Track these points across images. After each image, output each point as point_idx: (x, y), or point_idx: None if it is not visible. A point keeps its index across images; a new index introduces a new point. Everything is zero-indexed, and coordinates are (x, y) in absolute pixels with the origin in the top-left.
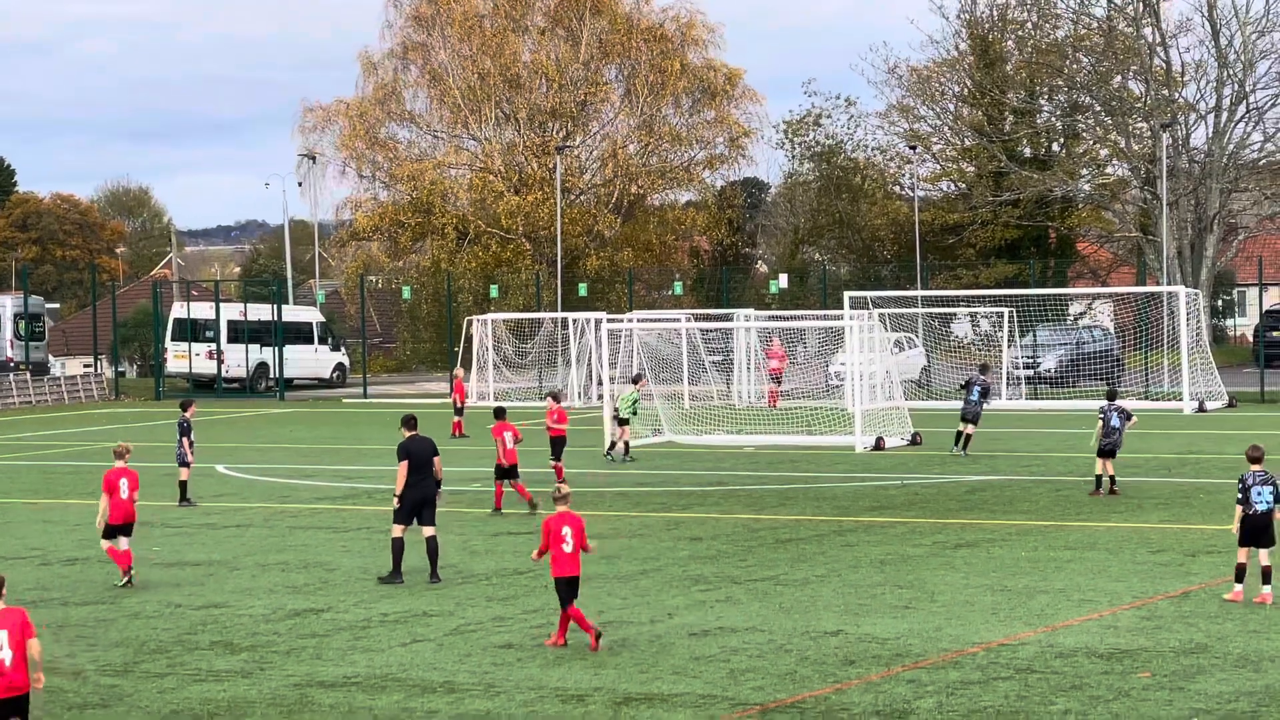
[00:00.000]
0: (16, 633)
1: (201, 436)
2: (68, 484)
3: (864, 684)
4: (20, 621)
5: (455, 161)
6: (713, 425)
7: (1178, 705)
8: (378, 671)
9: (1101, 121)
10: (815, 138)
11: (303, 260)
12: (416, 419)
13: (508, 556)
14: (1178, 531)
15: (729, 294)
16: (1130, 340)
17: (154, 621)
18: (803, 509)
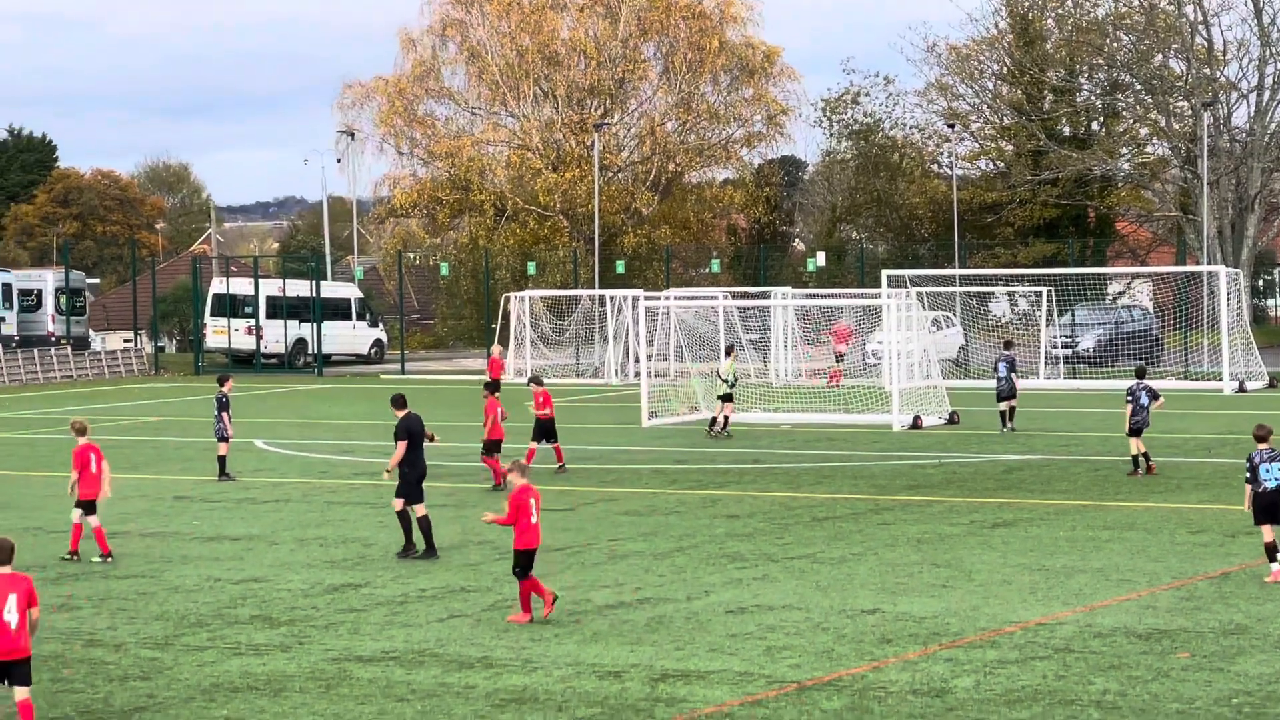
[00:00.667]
0: (23, 599)
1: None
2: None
3: (901, 662)
4: (27, 589)
5: (493, 139)
6: (749, 403)
7: (1217, 686)
8: (415, 646)
9: (1142, 100)
10: (853, 116)
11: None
12: (406, 397)
13: (546, 532)
14: (1217, 512)
15: (766, 272)
16: (1170, 320)
17: (194, 595)
18: (839, 487)
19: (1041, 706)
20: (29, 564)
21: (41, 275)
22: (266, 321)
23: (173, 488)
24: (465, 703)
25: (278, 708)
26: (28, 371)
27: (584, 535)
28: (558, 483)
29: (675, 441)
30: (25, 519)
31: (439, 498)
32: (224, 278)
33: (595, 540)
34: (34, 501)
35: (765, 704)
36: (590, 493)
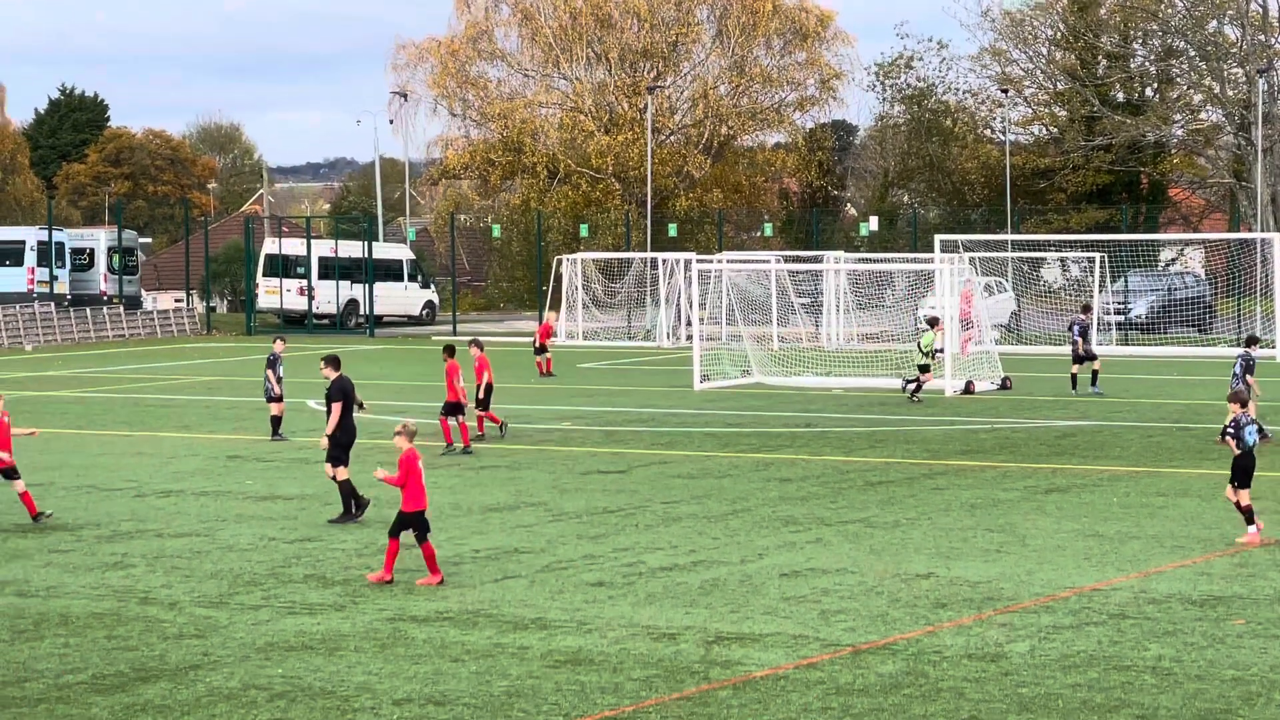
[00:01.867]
0: None
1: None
2: (161, 417)
3: (956, 627)
4: None
5: (546, 101)
6: (801, 367)
7: (1273, 653)
8: (469, 607)
9: (1196, 66)
10: (906, 80)
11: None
12: (340, 359)
13: (598, 495)
14: (1272, 480)
15: (818, 236)
16: (1222, 287)
17: (248, 554)
18: (892, 452)
19: (1097, 671)
20: (84, 522)
21: (94, 234)
22: (319, 282)
23: (226, 447)
24: (520, 663)
25: (333, 666)
26: (80, 330)
27: (637, 498)
28: (610, 444)
29: (727, 405)
30: (79, 477)
31: (493, 459)
32: (276, 238)
33: (649, 503)
34: (87, 460)
35: (820, 667)
36: (643, 455)
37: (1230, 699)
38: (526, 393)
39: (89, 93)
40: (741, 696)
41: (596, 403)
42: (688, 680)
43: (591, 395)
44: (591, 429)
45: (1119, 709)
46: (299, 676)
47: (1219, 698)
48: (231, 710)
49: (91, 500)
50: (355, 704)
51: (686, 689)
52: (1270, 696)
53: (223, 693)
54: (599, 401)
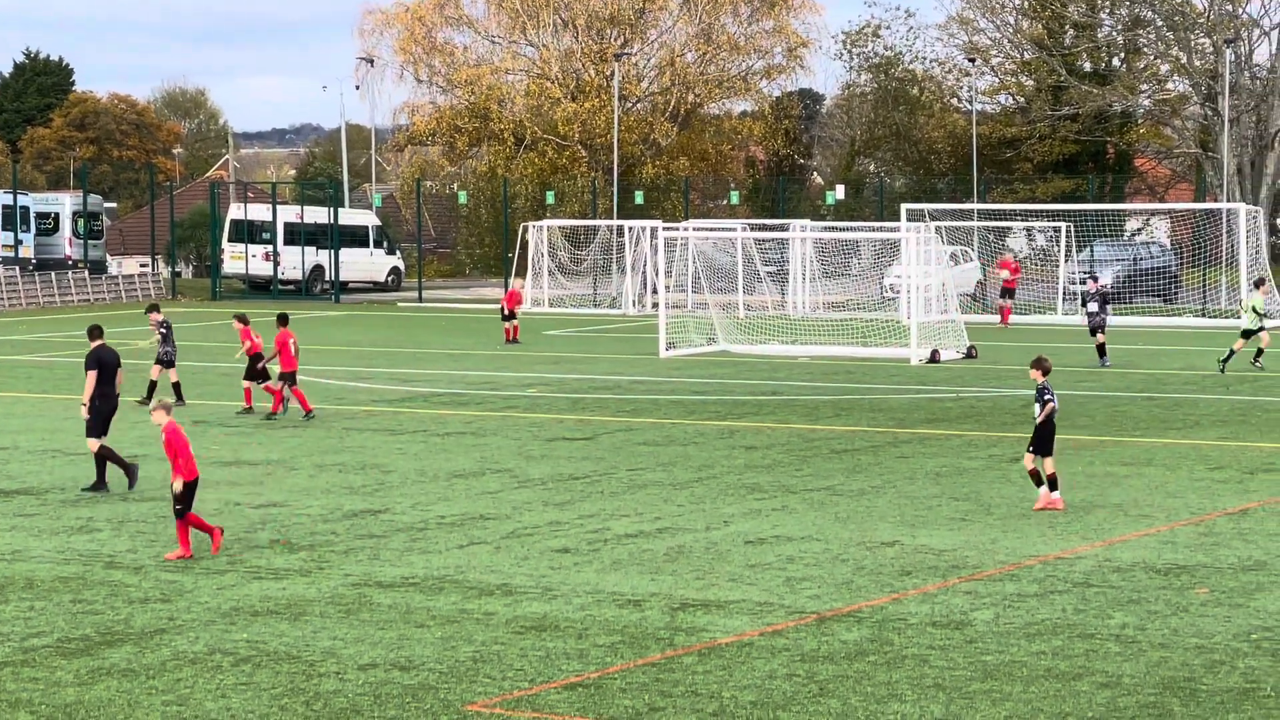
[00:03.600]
0: None
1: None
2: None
3: (921, 594)
4: None
5: (512, 67)
6: (767, 335)
7: (1236, 621)
8: (435, 573)
9: (1163, 36)
10: (874, 49)
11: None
12: (102, 328)
13: (563, 462)
14: (1236, 449)
15: (784, 204)
16: (1188, 257)
17: (213, 519)
18: (858, 420)
19: (1061, 640)
20: (49, 486)
21: (59, 199)
22: (284, 248)
23: (190, 412)
24: (485, 629)
25: (298, 631)
26: (45, 294)
27: (603, 465)
28: (576, 412)
29: (693, 373)
30: (43, 442)
31: (459, 425)
32: (242, 204)
33: (614, 469)
34: (51, 424)
35: (785, 634)
36: (609, 422)
37: (1194, 667)
38: (493, 359)
39: (54, 57)
40: (706, 663)
41: (562, 370)
42: (653, 647)
43: (557, 362)
44: (557, 396)
45: (1082, 677)
46: (264, 641)
47: (1182, 665)
48: (197, 674)
49: (56, 464)
50: (320, 669)
51: (651, 655)
52: (1233, 665)
53: (188, 657)
54: (565, 369)
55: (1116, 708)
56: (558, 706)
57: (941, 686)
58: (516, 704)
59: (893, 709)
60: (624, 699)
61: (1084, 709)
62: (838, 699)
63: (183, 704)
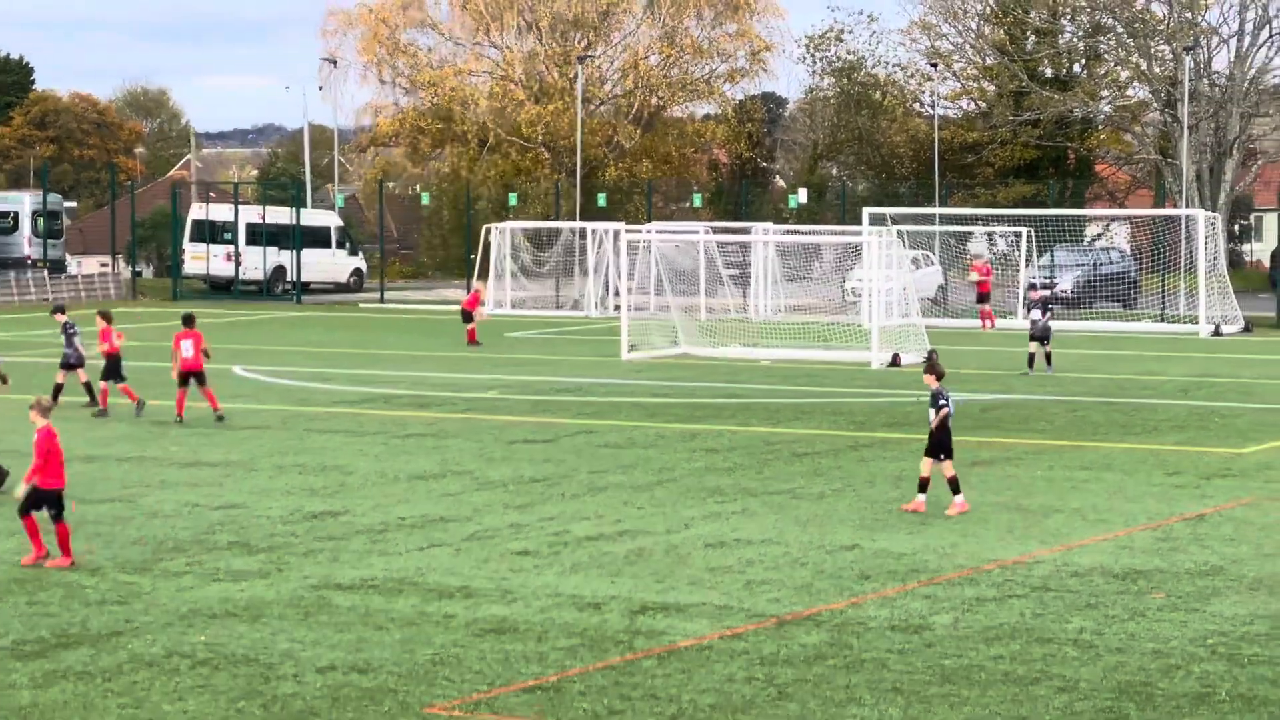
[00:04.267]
0: None
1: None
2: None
3: (880, 598)
4: None
5: (476, 69)
6: (728, 338)
7: (1192, 626)
8: (395, 575)
9: (1123, 43)
10: (836, 53)
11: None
12: None
13: (524, 464)
14: (1193, 454)
15: (747, 208)
16: (1147, 263)
17: (172, 521)
18: (819, 423)
19: (1019, 644)
20: (5, 486)
21: (18, 197)
22: (246, 248)
23: (150, 413)
24: (445, 632)
25: (256, 634)
26: (3, 294)
27: (564, 467)
28: (537, 414)
29: (654, 375)
30: (0, 442)
31: (420, 428)
32: (203, 204)
33: (575, 472)
34: (7, 425)
35: (744, 638)
36: (570, 425)
37: (1150, 671)
38: (454, 361)
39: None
40: (666, 666)
41: (524, 372)
42: (612, 650)
43: (519, 364)
44: (519, 398)
45: (1040, 681)
46: (222, 644)
47: (1139, 670)
48: (154, 677)
49: (13, 465)
50: (279, 671)
51: (611, 658)
52: (1189, 669)
53: (145, 659)
54: (526, 371)
55: (1073, 712)
56: (517, 709)
57: (900, 690)
58: (475, 707)
59: (851, 712)
60: (583, 702)
61: (1041, 713)
62: (797, 702)
63: (139, 706)
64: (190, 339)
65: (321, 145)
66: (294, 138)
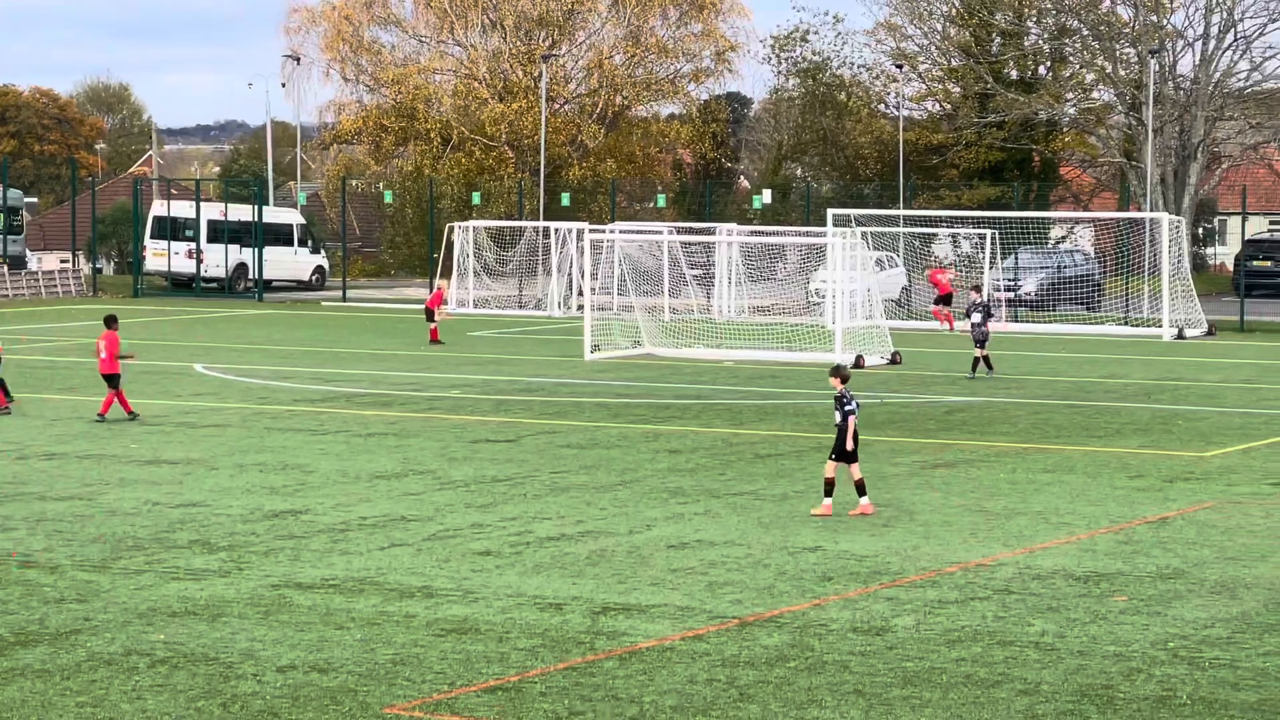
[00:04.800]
0: None
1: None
2: (44, 379)
3: (842, 600)
4: None
5: (440, 67)
6: (692, 339)
7: (1154, 630)
8: (355, 574)
9: (1089, 46)
10: (801, 54)
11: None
12: None
13: (486, 464)
14: (1156, 457)
15: (711, 208)
16: (1111, 265)
17: (131, 519)
18: (782, 424)
19: (981, 646)
20: None
21: None
22: (207, 245)
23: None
24: (405, 631)
25: (216, 633)
26: None
27: (526, 467)
28: (499, 414)
29: (617, 375)
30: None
31: (381, 427)
32: (165, 200)
33: (537, 472)
34: None
35: (706, 639)
36: (532, 425)
37: (1111, 674)
38: (416, 359)
39: None
40: (627, 667)
41: (486, 371)
42: (573, 650)
43: (481, 364)
44: (481, 398)
45: (1002, 683)
46: (181, 642)
47: (1100, 673)
48: (112, 675)
49: None
50: (238, 671)
51: (572, 659)
52: (1150, 672)
53: (103, 658)
54: (489, 370)
55: (1035, 715)
56: (477, 710)
57: (861, 693)
58: (436, 707)
59: (813, 714)
60: (544, 703)
61: (1003, 715)
62: (758, 704)
63: (97, 705)
64: (105, 340)
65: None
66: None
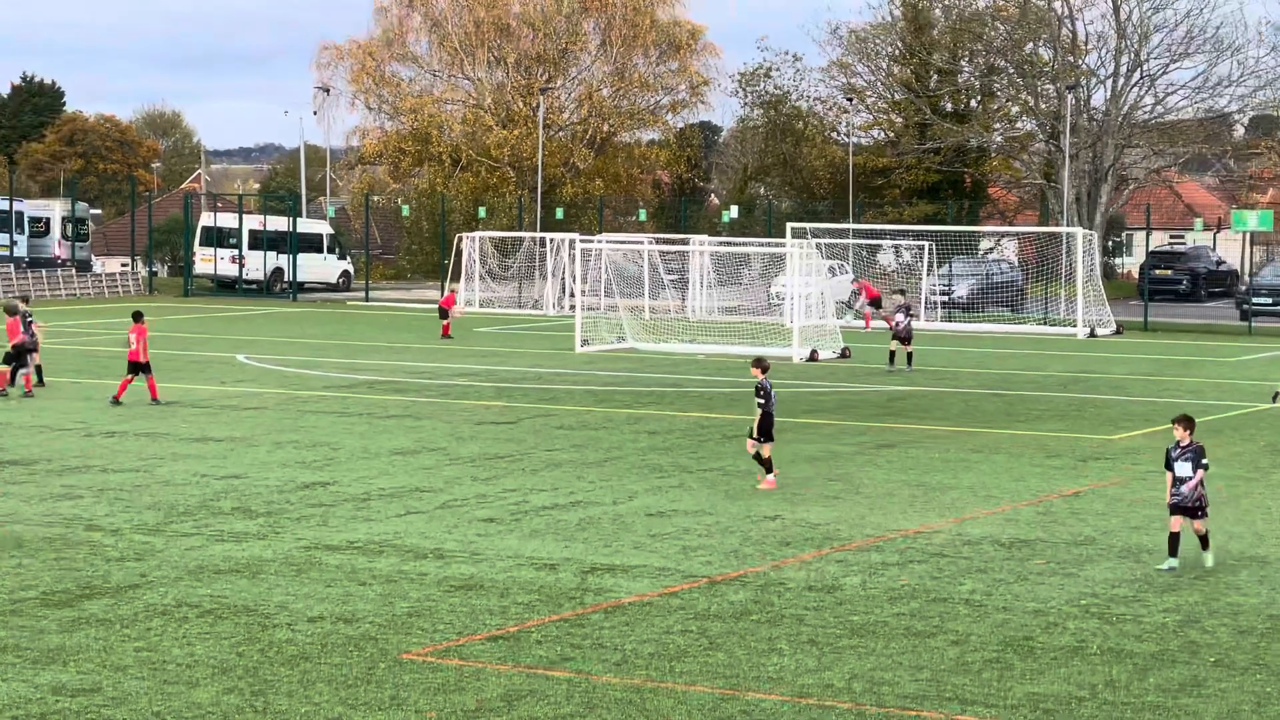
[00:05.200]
0: None
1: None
2: (107, 366)
3: (798, 562)
4: None
5: (451, 98)
6: (669, 335)
7: (1069, 589)
8: (376, 538)
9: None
10: (765, 88)
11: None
12: None
13: (490, 443)
14: (1071, 440)
15: (686, 221)
16: (1032, 273)
17: (182, 488)
18: (747, 410)
19: (919, 603)
20: (38, 457)
21: (50, 205)
22: (249, 252)
23: (164, 394)
24: (419, 588)
25: (256, 588)
26: (36, 290)
27: (524, 446)
28: (501, 399)
29: (604, 366)
30: (34, 418)
31: (399, 410)
32: (212, 212)
33: (534, 450)
34: (40, 403)
35: (680, 595)
36: (530, 409)
37: (1031, 628)
38: (430, 352)
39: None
40: (612, 619)
41: (490, 363)
42: (566, 604)
43: (486, 356)
44: (485, 385)
45: (936, 634)
46: (225, 596)
47: (1022, 626)
48: (166, 624)
49: (44, 438)
50: (274, 620)
51: (564, 612)
52: (1065, 626)
53: (158, 609)
54: (492, 362)
55: (965, 662)
56: (482, 655)
57: (815, 642)
58: (446, 653)
59: (773, 661)
60: (540, 650)
61: (937, 663)
62: (725, 652)
63: (153, 650)
64: (135, 333)
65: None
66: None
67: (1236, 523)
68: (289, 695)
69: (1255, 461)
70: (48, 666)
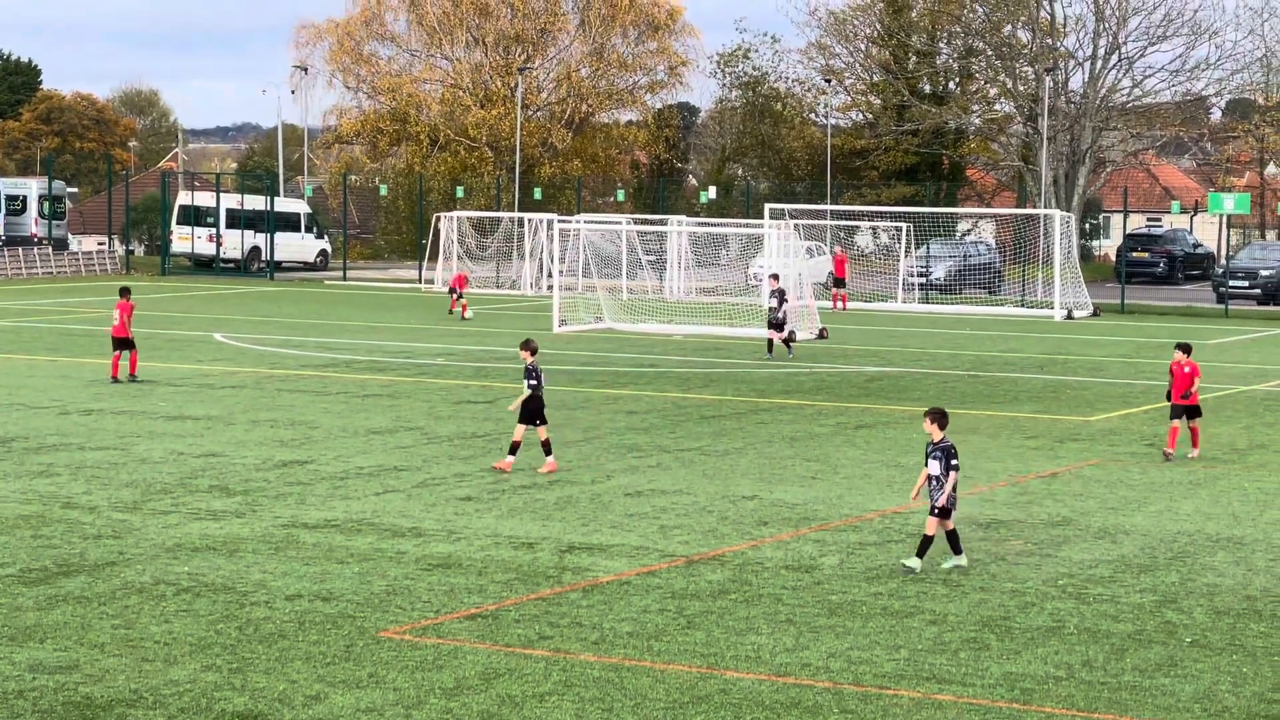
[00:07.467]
0: None
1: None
2: (83, 345)
3: (776, 542)
4: None
5: (429, 78)
6: (647, 315)
7: (1045, 569)
8: (354, 516)
9: (992, 64)
10: (743, 69)
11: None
12: None
13: (468, 422)
14: (1048, 421)
15: (664, 202)
16: (1010, 255)
17: (160, 466)
18: (724, 390)
19: (896, 583)
20: (14, 435)
21: (26, 183)
22: (226, 231)
23: (142, 372)
24: (397, 566)
25: (233, 566)
26: (13, 268)
27: (502, 425)
28: (479, 379)
29: (581, 346)
30: (9, 396)
31: (377, 389)
32: (189, 191)
33: (512, 429)
34: (17, 381)
35: (658, 574)
36: (507, 388)
37: (1008, 607)
38: (407, 331)
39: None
40: (590, 598)
41: (468, 342)
42: (544, 584)
43: (464, 336)
44: (463, 365)
45: (914, 614)
46: (203, 574)
47: (999, 606)
48: (143, 602)
49: (21, 416)
50: (252, 598)
51: (542, 591)
52: (1042, 606)
53: (135, 586)
54: (470, 341)
55: (942, 641)
56: (459, 634)
57: (792, 622)
58: (424, 631)
59: (750, 640)
60: (518, 629)
61: (914, 642)
62: (703, 631)
63: (130, 627)
64: (120, 309)
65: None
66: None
67: (1213, 504)
68: (266, 673)
69: (1232, 443)
70: (25, 644)
